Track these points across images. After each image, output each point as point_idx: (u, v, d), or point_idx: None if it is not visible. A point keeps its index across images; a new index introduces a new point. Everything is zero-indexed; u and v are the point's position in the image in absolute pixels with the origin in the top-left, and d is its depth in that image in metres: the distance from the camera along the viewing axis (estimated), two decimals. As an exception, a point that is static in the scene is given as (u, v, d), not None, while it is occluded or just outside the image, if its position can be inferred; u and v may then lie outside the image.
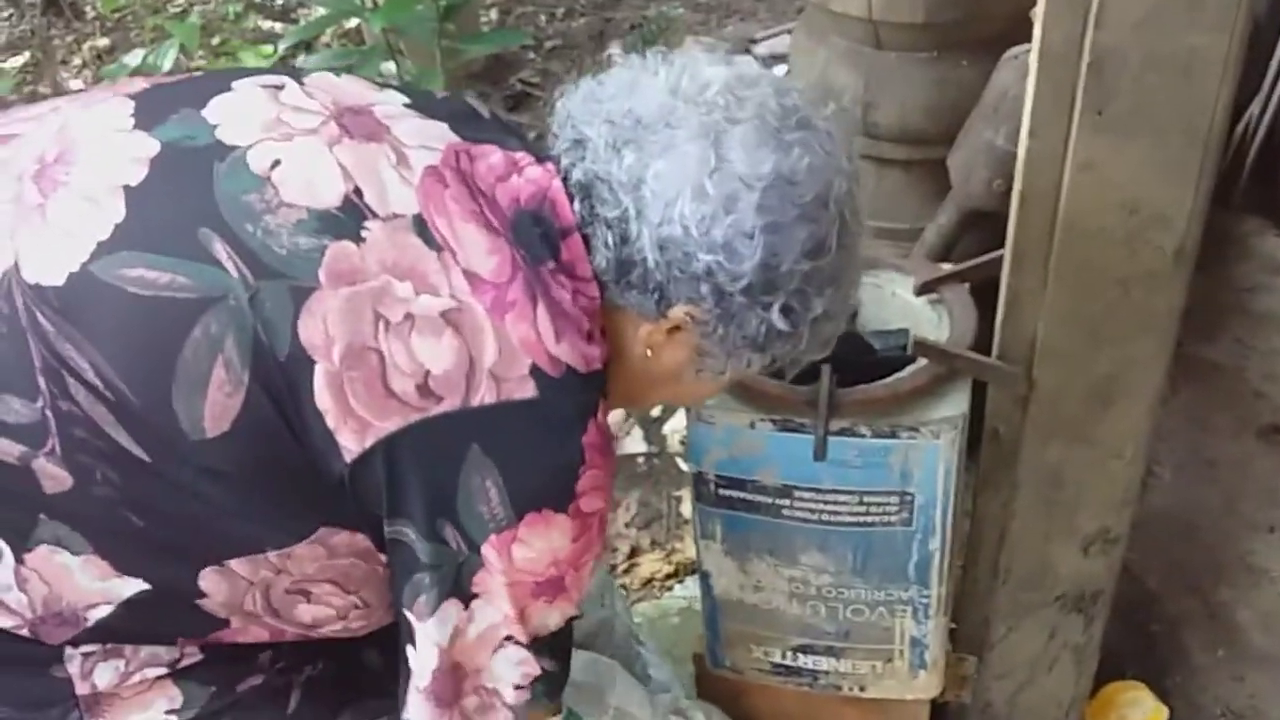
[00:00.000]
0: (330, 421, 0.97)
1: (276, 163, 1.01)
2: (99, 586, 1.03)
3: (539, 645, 1.09)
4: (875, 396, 1.41)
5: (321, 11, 2.57)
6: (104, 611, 1.04)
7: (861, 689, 1.70)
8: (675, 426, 2.76)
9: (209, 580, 1.04)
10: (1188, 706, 2.02)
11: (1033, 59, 1.19)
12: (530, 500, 1.02)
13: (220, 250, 0.97)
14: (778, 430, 1.44)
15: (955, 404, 1.41)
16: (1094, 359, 1.36)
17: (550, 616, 1.09)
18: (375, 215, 1.00)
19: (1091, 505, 1.51)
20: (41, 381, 0.96)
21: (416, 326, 0.97)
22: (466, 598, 1.04)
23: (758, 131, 1.01)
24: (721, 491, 1.53)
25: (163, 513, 1.00)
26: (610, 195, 1.03)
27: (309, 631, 1.13)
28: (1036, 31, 1.18)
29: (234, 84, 1.09)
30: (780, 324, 1.05)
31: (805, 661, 1.69)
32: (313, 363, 0.96)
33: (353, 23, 3.74)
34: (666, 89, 1.04)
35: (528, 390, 1.00)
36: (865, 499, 1.47)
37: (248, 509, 1.01)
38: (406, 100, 1.12)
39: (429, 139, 1.07)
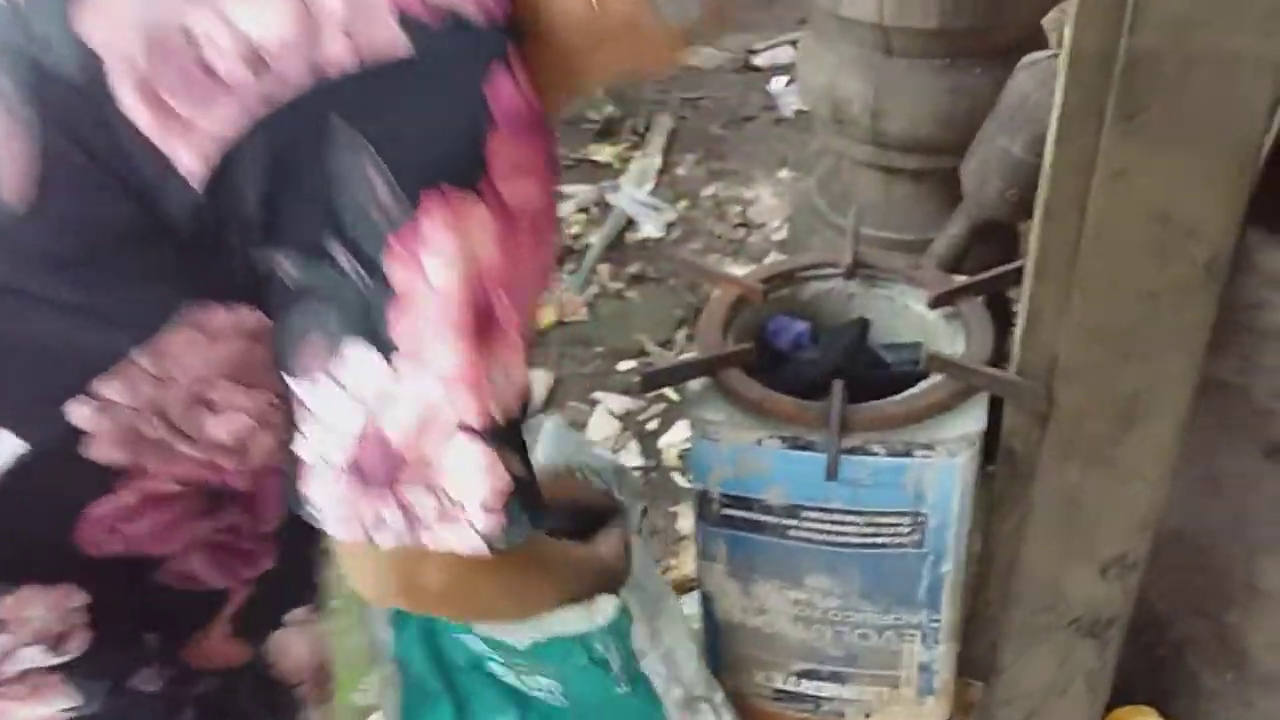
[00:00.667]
0: (146, 128, 0.77)
1: None
2: None
3: (503, 437, 0.85)
4: (889, 413, 1.35)
5: None
6: None
7: (867, 715, 1.64)
8: (672, 440, 2.70)
9: (81, 415, 0.84)
10: (1198, 733, 1.96)
11: (1062, 62, 1.14)
12: (421, 172, 0.77)
13: None
14: (786, 448, 1.38)
15: (972, 421, 1.36)
16: (1119, 376, 1.30)
17: (496, 372, 0.83)
18: None
19: (1111, 529, 1.45)
20: None
21: None
22: (385, 347, 0.80)
23: None
24: (726, 511, 1.47)
25: None
26: None
27: (238, 460, 0.93)
28: (1067, 33, 1.12)
29: None
30: None
31: (808, 687, 1.63)
32: (103, 63, 0.77)
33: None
34: None
35: (397, 47, 0.77)
36: (876, 520, 1.41)
37: (89, 299, 0.82)
38: None
39: None
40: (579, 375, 2.94)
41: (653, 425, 2.77)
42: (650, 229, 3.52)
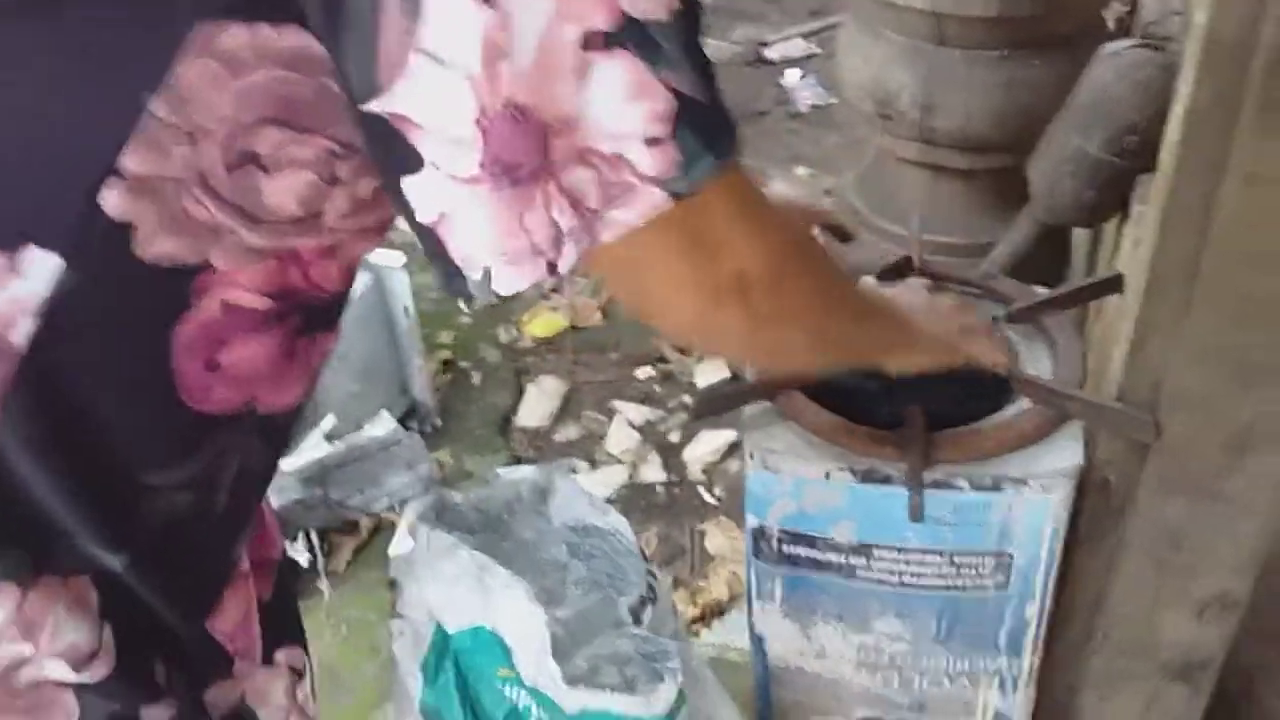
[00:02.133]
0: None
1: None
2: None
3: (648, 40, 0.67)
4: (975, 443, 1.21)
5: None
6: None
7: (934, 765, 1.51)
8: (696, 454, 2.57)
9: (116, 202, 0.70)
10: (1271, 772, 1.84)
11: (1191, 51, 1.00)
12: None
13: None
14: (859, 481, 1.24)
15: (1070, 454, 1.22)
16: (1236, 402, 1.17)
17: None
18: None
19: (1212, 567, 1.32)
20: None
21: None
22: None
23: None
24: (785, 548, 1.33)
25: None
26: None
27: (315, 231, 0.78)
28: (1197, 19, 0.99)
29: None
30: None
31: (871, 736, 1.50)
32: None
33: None
34: None
35: None
36: (956, 559, 1.28)
37: (89, 39, 0.68)
38: None
39: None
40: (594, 383, 2.81)
41: (675, 437, 2.64)
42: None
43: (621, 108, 0.68)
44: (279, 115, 0.72)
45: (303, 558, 2.26)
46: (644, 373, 2.82)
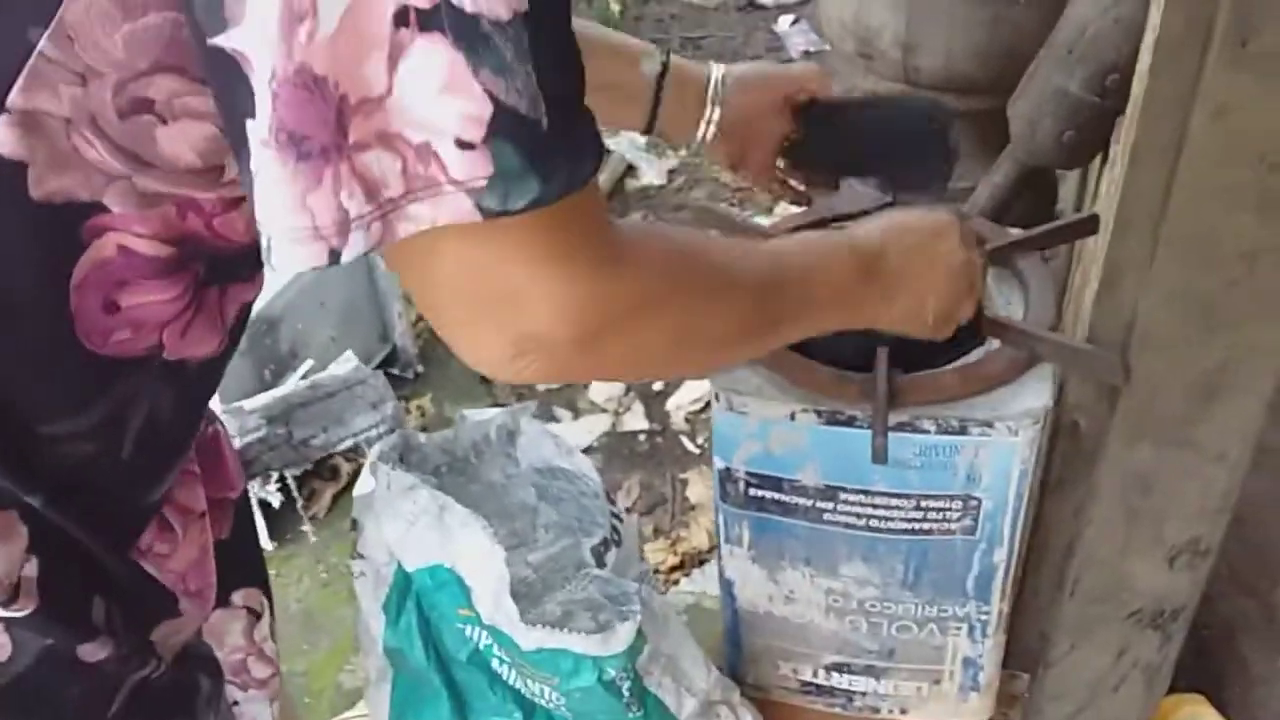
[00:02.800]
0: None
1: None
2: None
3: (474, 35, 0.61)
4: (942, 385, 1.19)
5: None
6: None
7: (904, 712, 1.50)
8: (680, 402, 2.55)
9: (4, 138, 0.67)
10: (1247, 721, 1.83)
11: (1161, -21, 0.97)
12: None
13: None
14: (824, 423, 1.22)
15: (1037, 395, 1.19)
16: (1205, 346, 1.15)
17: None
18: None
19: (1183, 513, 1.30)
20: None
21: None
22: None
23: None
24: (752, 491, 1.31)
25: None
26: None
27: (214, 186, 0.74)
28: (1169, -56, 0.95)
29: None
30: None
31: (840, 681, 1.49)
32: None
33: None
34: None
35: None
36: (923, 504, 1.26)
37: None
38: None
39: None
40: (579, 332, 2.78)
41: (659, 385, 2.62)
42: (651, 176, 3.35)
43: (434, 98, 0.62)
44: (174, 63, 0.68)
45: (275, 499, 2.25)
46: (629, 321, 2.80)
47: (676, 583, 2.12)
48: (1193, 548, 1.34)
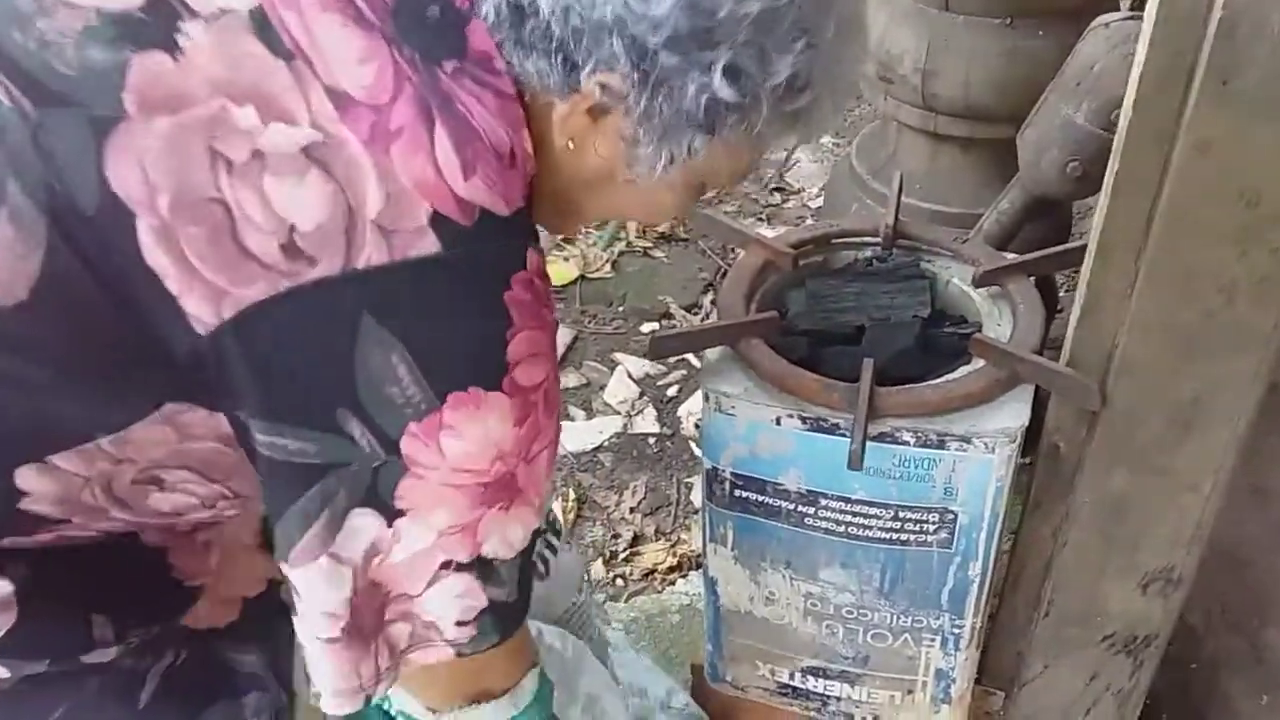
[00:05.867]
0: (172, 285, 0.74)
1: None
2: None
3: (489, 571, 0.87)
4: (923, 399, 1.22)
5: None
6: None
7: (876, 719, 1.53)
8: (692, 409, 2.59)
9: (29, 479, 0.81)
10: (1228, 760, 1.84)
11: (1148, 15, 1.00)
12: (450, 377, 0.79)
13: None
14: (807, 429, 1.26)
15: (1014, 414, 1.23)
16: (1181, 376, 1.17)
17: (510, 529, 0.86)
18: (195, 14, 0.75)
19: (1156, 541, 1.33)
20: None
21: (270, 167, 0.74)
22: (389, 513, 0.82)
23: None
24: (737, 492, 1.35)
25: None
26: None
27: (173, 520, 0.91)
28: (1156, -17, 0.99)
29: None
30: (726, 92, 0.79)
31: (815, 685, 1.52)
32: (133, 215, 0.73)
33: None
34: None
35: (427, 245, 0.76)
36: (901, 514, 1.29)
37: (65, 389, 0.79)
38: None
39: None
40: (600, 334, 2.83)
41: (673, 391, 2.66)
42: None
43: (450, 600, 0.87)
44: (194, 465, 0.85)
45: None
46: (649, 327, 2.84)
47: (673, 583, 2.15)
48: (1166, 575, 1.36)
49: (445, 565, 0.85)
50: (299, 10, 0.76)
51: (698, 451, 2.49)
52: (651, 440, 2.55)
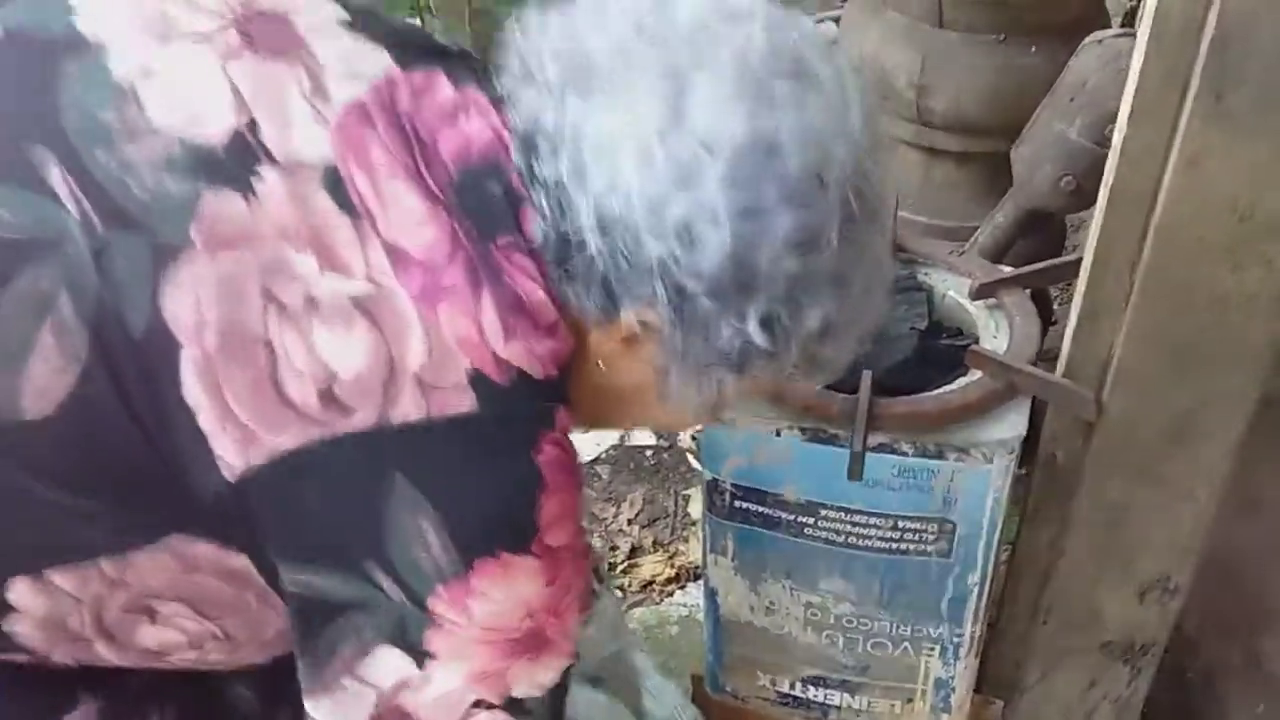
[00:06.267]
0: (204, 422, 0.75)
1: (148, 72, 0.77)
2: None
3: (519, 707, 0.87)
4: (921, 411, 1.24)
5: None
6: None
7: (876, 729, 1.54)
8: (687, 421, 2.60)
9: (21, 593, 0.80)
10: (1223, 767, 1.85)
11: (1142, 31, 1.02)
12: (480, 544, 0.80)
13: (58, 179, 0.74)
14: (806, 440, 1.27)
15: (1012, 425, 1.24)
16: (1175, 388, 1.19)
17: (539, 675, 0.87)
18: (273, 161, 0.77)
19: (1153, 550, 1.35)
20: None
21: (321, 315, 0.75)
22: (419, 656, 0.82)
23: (733, 79, 0.76)
24: (737, 503, 1.36)
25: None
26: (549, 150, 0.80)
27: (154, 661, 0.90)
28: (1151, 1, 1.01)
29: None
30: (760, 339, 0.80)
31: (816, 694, 1.53)
32: (179, 345, 0.74)
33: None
34: (631, 23, 0.80)
35: (464, 403, 0.78)
36: (900, 524, 1.31)
37: (73, 508, 0.78)
38: (344, 17, 0.86)
39: (359, 66, 0.82)
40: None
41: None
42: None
43: None
44: (194, 601, 0.85)
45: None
46: (644, 340, 2.85)
47: (671, 594, 2.16)
48: (1162, 584, 1.38)
49: (477, 704, 0.85)
50: (370, 172, 0.78)
51: (694, 463, 2.51)
52: (649, 453, 2.56)
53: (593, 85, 0.79)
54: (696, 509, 2.40)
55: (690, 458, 2.53)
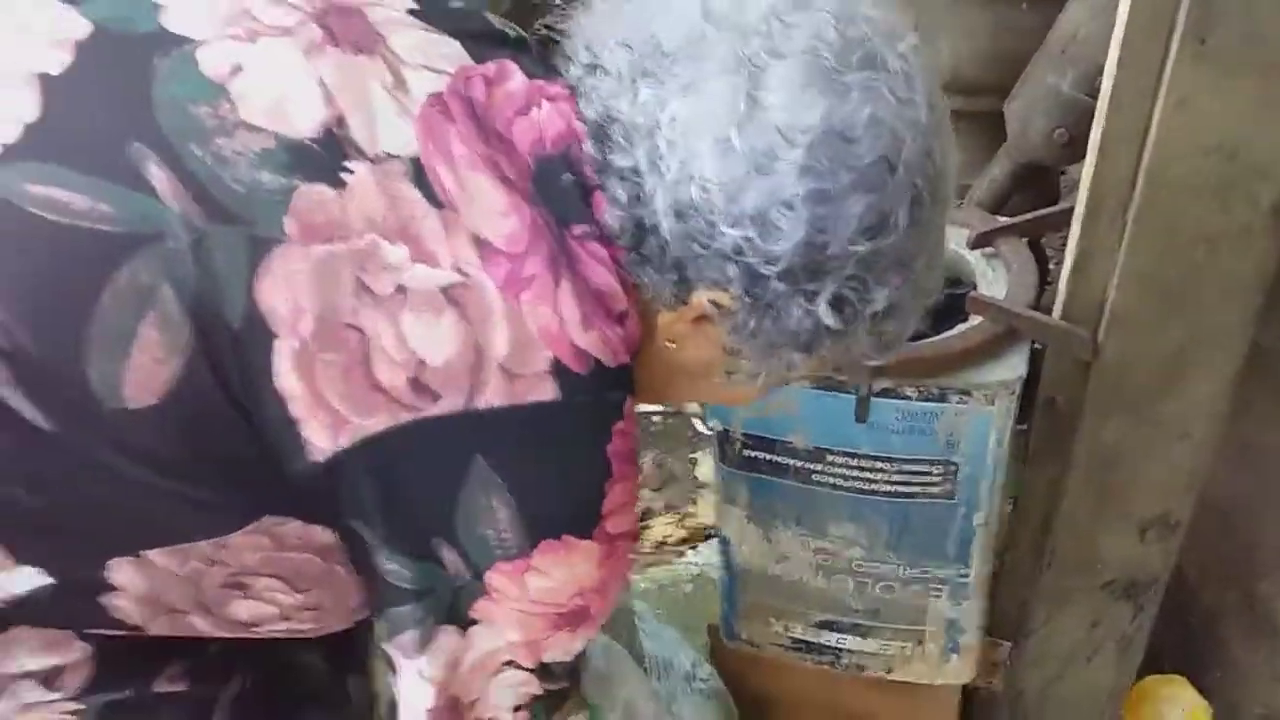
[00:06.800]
0: (295, 409, 0.79)
1: (237, 68, 0.80)
2: None
3: (546, 671, 0.94)
4: (924, 356, 1.28)
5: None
6: None
7: (888, 671, 1.58)
8: (694, 386, 2.64)
9: (122, 573, 0.85)
10: (1226, 706, 1.90)
11: (1128, -22, 1.06)
12: (549, 527, 0.85)
13: (156, 174, 0.77)
14: (812, 388, 1.31)
15: (1011, 367, 1.29)
16: (1169, 326, 1.23)
17: (572, 645, 0.93)
18: (362, 154, 0.80)
19: (1152, 488, 1.39)
20: None
21: (410, 303, 0.79)
22: (464, 623, 0.88)
23: (806, 69, 0.80)
24: (747, 453, 1.40)
25: (64, 490, 0.81)
26: (622, 139, 0.84)
27: (244, 632, 0.95)
28: (1135, -53, 1.04)
29: None
30: (829, 319, 0.84)
31: (829, 639, 1.58)
32: (274, 335, 0.78)
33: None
34: (699, 9, 0.84)
35: (546, 391, 0.82)
36: (905, 467, 1.35)
37: (174, 493, 0.82)
38: (412, 4, 0.91)
39: (435, 57, 0.86)
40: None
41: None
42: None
43: (507, 689, 0.92)
44: (283, 574, 0.90)
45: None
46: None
47: (683, 554, 2.21)
48: (1162, 521, 1.42)
49: (508, 663, 0.91)
50: (452, 164, 0.82)
51: (701, 427, 2.55)
52: (656, 418, 2.60)
53: (664, 73, 0.82)
54: (704, 472, 2.44)
55: (696, 422, 2.58)
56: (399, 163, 0.81)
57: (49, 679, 0.91)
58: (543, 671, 0.93)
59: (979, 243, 1.41)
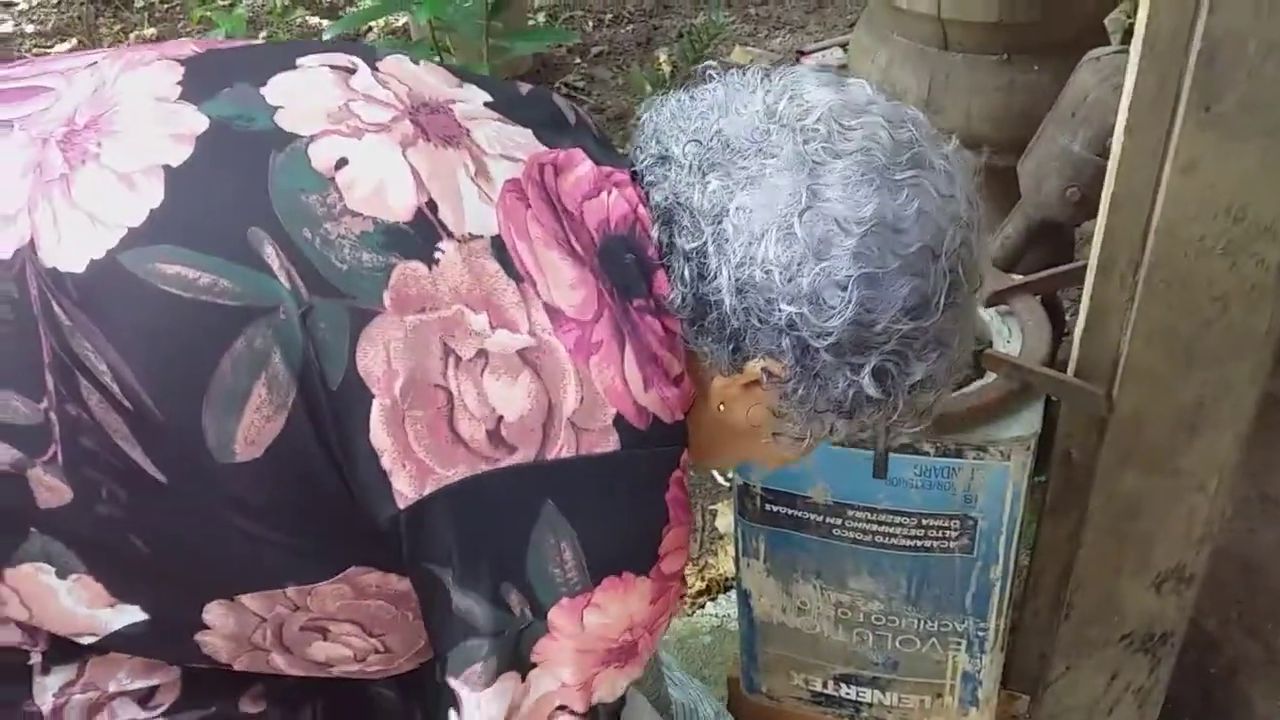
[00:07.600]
0: (386, 462, 0.86)
1: (343, 162, 0.89)
2: (85, 614, 0.92)
3: (594, 714, 0.98)
4: (940, 412, 1.30)
5: (368, 2, 2.50)
6: (87, 642, 0.95)
7: (907, 724, 1.60)
8: (712, 439, 2.66)
9: (215, 614, 0.94)
10: (1248, 759, 1.90)
11: (1135, 46, 1.09)
12: (610, 565, 0.92)
13: (272, 255, 0.86)
14: (833, 445, 1.33)
15: (1027, 424, 1.31)
16: (1182, 382, 1.25)
17: (618, 683, 0.98)
18: (450, 235, 0.89)
19: (1167, 540, 1.40)
20: (49, 379, 0.85)
21: (491, 365, 0.87)
22: (525, 668, 0.93)
23: (861, 167, 0.88)
24: (768, 507, 1.43)
25: (173, 539, 0.90)
26: (690, 224, 0.92)
27: (319, 671, 1.02)
28: (1141, 15, 1.08)
29: (299, 60, 0.97)
30: (871, 389, 0.91)
31: (848, 692, 1.59)
32: (370, 395, 0.85)
33: (400, 20, 3.67)
34: (763, 110, 0.92)
35: (609, 443, 0.89)
36: (924, 522, 1.37)
37: (271, 542, 0.90)
38: (488, 98, 1.00)
39: (511, 147, 0.96)
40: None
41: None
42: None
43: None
44: (360, 619, 0.98)
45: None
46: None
47: (703, 606, 2.22)
48: (1178, 574, 1.44)
49: (560, 709, 0.96)
50: (529, 242, 0.90)
51: (720, 479, 2.57)
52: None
53: (731, 166, 0.90)
54: (724, 523, 2.46)
55: (716, 474, 2.60)
56: (482, 242, 0.89)
57: (144, 698, 0.99)
58: (592, 715, 0.98)
59: (993, 301, 1.44)
